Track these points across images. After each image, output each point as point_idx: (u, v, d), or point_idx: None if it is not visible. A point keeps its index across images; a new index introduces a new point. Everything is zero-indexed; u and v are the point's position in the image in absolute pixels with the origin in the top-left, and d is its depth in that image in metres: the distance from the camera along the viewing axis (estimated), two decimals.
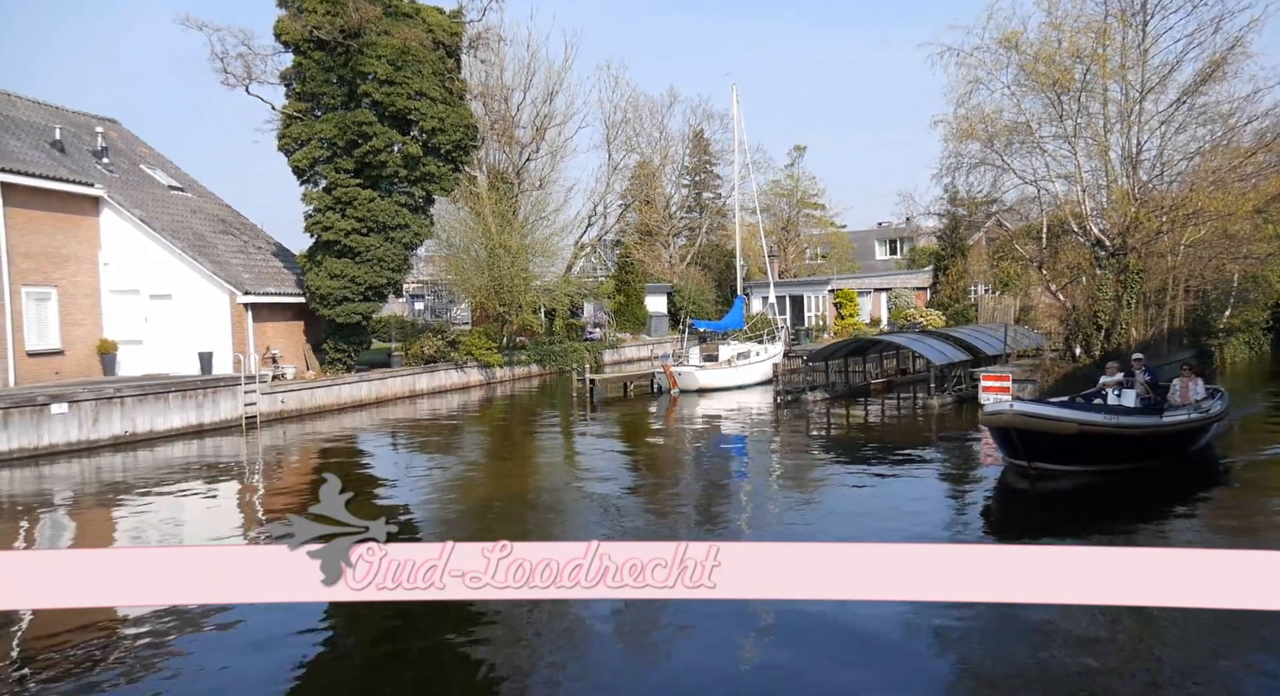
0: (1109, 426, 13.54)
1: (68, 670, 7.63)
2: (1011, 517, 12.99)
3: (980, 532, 11.81)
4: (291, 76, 27.54)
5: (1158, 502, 13.07)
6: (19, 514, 14.26)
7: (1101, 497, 13.42)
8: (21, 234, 22.63)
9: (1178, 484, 14.10)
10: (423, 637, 8.42)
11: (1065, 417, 13.40)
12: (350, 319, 27.65)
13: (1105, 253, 24.83)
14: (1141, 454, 14.10)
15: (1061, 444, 13.35)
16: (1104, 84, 24.36)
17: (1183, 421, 14.52)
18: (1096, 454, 13.71)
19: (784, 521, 12.50)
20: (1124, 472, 13.98)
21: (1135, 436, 13.89)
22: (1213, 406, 15.46)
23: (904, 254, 61.53)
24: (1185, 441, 14.80)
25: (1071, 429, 13.22)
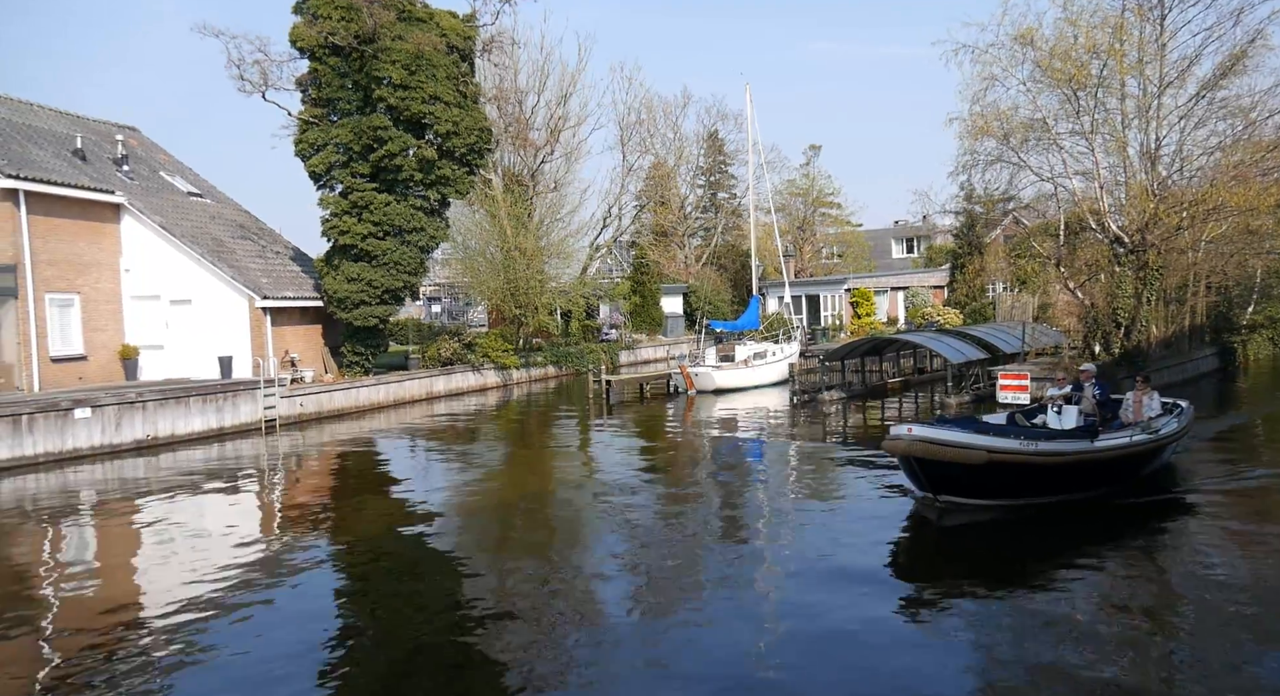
0: (1025, 454, 11.62)
1: (104, 644, 7.74)
2: (916, 561, 10.79)
3: (881, 574, 9.96)
4: (307, 82, 27.74)
5: (1071, 547, 10.70)
6: (46, 518, 14.44)
7: (1014, 536, 11.43)
8: (45, 241, 22.93)
9: (1107, 522, 11.85)
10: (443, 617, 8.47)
11: (973, 444, 11.46)
12: (367, 322, 27.83)
13: (1124, 249, 24.62)
14: (1069, 484, 12.24)
15: (971, 474, 11.50)
16: (1121, 79, 24.15)
17: (1119, 446, 12.52)
18: (1013, 485, 11.89)
19: (800, 523, 12.49)
20: (1054, 504, 12.16)
21: (1058, 466, 11.93)
22: (1165, 425, 13.56)
23: (921, 252, 61.26)
24: (1128, 467, 12.90)
25: (979, 457, 11.29)
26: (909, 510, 12.45)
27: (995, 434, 12.02)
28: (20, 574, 11.41)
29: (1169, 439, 13.55)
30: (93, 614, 9.50)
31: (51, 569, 11.59)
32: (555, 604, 9.34)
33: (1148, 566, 10.22)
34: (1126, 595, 9.18)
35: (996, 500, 12.03)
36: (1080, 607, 8.75)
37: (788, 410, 25.12)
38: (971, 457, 11.31)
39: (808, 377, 28.54)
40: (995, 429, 12.38)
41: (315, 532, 12.94)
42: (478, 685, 7.46)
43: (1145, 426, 13.21)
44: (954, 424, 12.79)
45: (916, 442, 11.59)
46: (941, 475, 11.73)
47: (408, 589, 10.14)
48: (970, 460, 11.31)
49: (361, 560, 11.54)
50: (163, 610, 9.48)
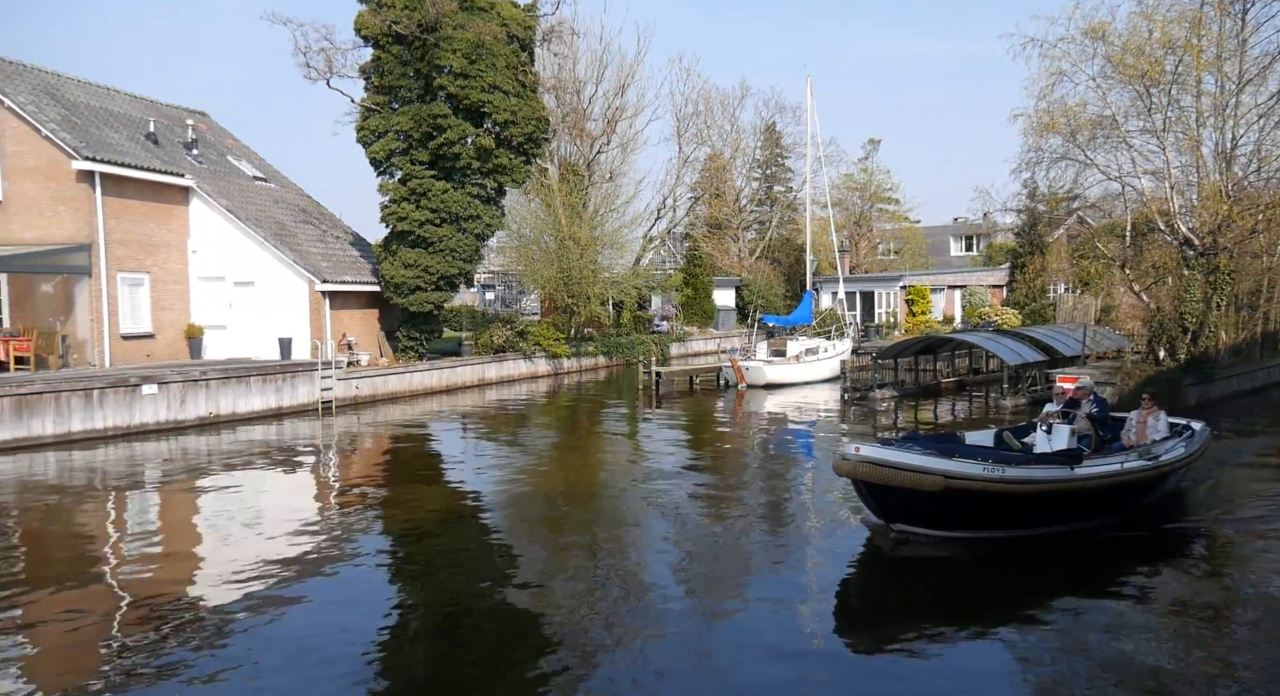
0: (989, 481, 10.05)
1: (165, 614, 8.04)
2: (868, 594, 9.67)
3: (824, 609, 8.95)
4: (370, 70, 28.20)
5: (1038, 589, 9.39)
6: (114, 489, 14.97)
7: (974, 574, 10.02)
8: (118, 222, 23.69)
9: (1086, 560, 10.40)
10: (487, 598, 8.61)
11: (927, 468, 9.97)
12: (423, 308, 28.24)
13: (1194, 252, 23.89)
14: (1045, 515, 10.78)
15: (926, 502, 10.10)
16: (1197, 76, 23.38)
17: (1107, 474, 10.94)
18: (976, 516, 10.45)
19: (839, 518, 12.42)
20: (1028, 538, 10.72)
21: (1029, 495, 10.39)
22: (1169, 450, 12.05)
23: (980, 251, 60.10)
24: (1120, 497, 11.37)
25: (935, 483, 9.84)
26: (866, 536, 11.07)
27: (960, 456, 10.55)
28: (88, 542, 11.87)
29: (1172, 466, 11.90)
30: (155, 583, 9.85)
31: (117, 539, 12.03)
32: (600, 584, 9.42)
33: (1125, 614, 8.66)
34: (1096, 648, 7.82)
35: (957, 531, 10.62)
36: (1036, 661, 7.68)
37: (838, 407, 24.92)
38: (925, 483, 9.87)
39: (860, 375, 28.24)
40: (962, 450, 10.97)
41: (368, 512, 13.22)
42: (524, 659, 7.58)
43: (1144, 451, 11.68)
44: (915, 442, 11.42)
45: (863, 464, 10.17)
46: (894, 502, 10.37)
47: (457, 568, 10.32)
48: (924, 486, 9.87)
49: (412, 539, 11.77)
50: (222, 583, 9.78)
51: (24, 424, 18.01)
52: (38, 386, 18.39)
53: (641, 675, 7.36)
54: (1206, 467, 14.89)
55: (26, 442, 17.90)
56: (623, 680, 7.30)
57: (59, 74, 26.29)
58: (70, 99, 25.25)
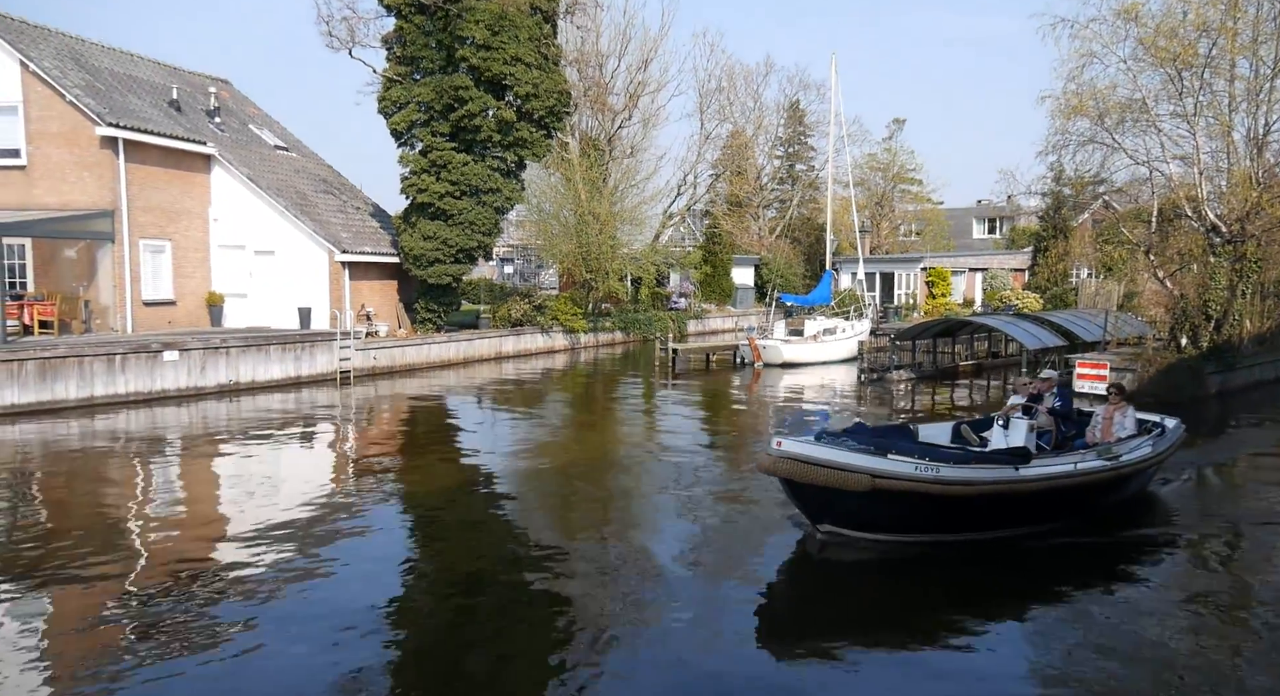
0: (922, 482, 9.16)
1: (184, 579, 8.19)
2: (791, 602, 8.87)
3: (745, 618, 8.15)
4: (393, 40, 28.12)
5: (972, 601, 8.63)
6: (136, 454, 15.19)
7: (906, 580, 9.14)
8: (140, 189, 23.83)
9: (1033, 566, 9.60)
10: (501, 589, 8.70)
11: (854, 467, 9.09)
12: (441, 280, 28.32)
13: (1221, 239, 23.55)
14: (987, 519, 9.88)
15: (853, 503, 9.26)
16: (1232, 59, 22.92)
17: (1057, 475, 10.01)
18: (909, 519, 9.59)
19: None
20: (969, 542, 9.84)
21: (968, 497, 9.46)
22: (1134, 449, 11.14)
23: (1003, 234, 59.50)
24: (1073, 499, 10.40)
25: (861, 483, 8.98)
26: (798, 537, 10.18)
27: (897, 452, 9.55)
28: (110, 506, 12.06)
29: (1134, 466, 10.97)
30: (174, 547, 10.01)
31: (138, 502, 12.21)
32: (611, 555, 9.50)
33: (1057, 627, 7.99)
34: (1025, 663, 7.31)
35: (889, 535, 9.74)
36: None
37: (855, 387, 24.86)
38: (850, 483, 9.00)
39: (877, 356, 28.14)
40: (900, 446, 9.89)
41: (385, 482, 13.36)
42: (535, 624, 7.67)
43: (1104, 450, 10.74)
44: (854, 435, 10.34)
45: (784, 461, 9.26)
46: (819, 501, 9.52)
47: (472, 538, 10.44)
48: (849, 486, 9.00)
49: (428, 509, 11.89)
50: (239, 548, 9.93)
51: (48, 387, 18.26)
52: (61, 351, 18.62)
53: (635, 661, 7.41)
54: (1205, 462, 14.61)
55: (50, 406, 18.17)
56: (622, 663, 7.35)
57: (83, 39, 26.36)
58: (94, 64, 25.32)
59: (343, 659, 7.05)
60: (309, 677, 6.77)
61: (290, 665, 7.00)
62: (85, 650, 7.23)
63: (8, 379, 17.71)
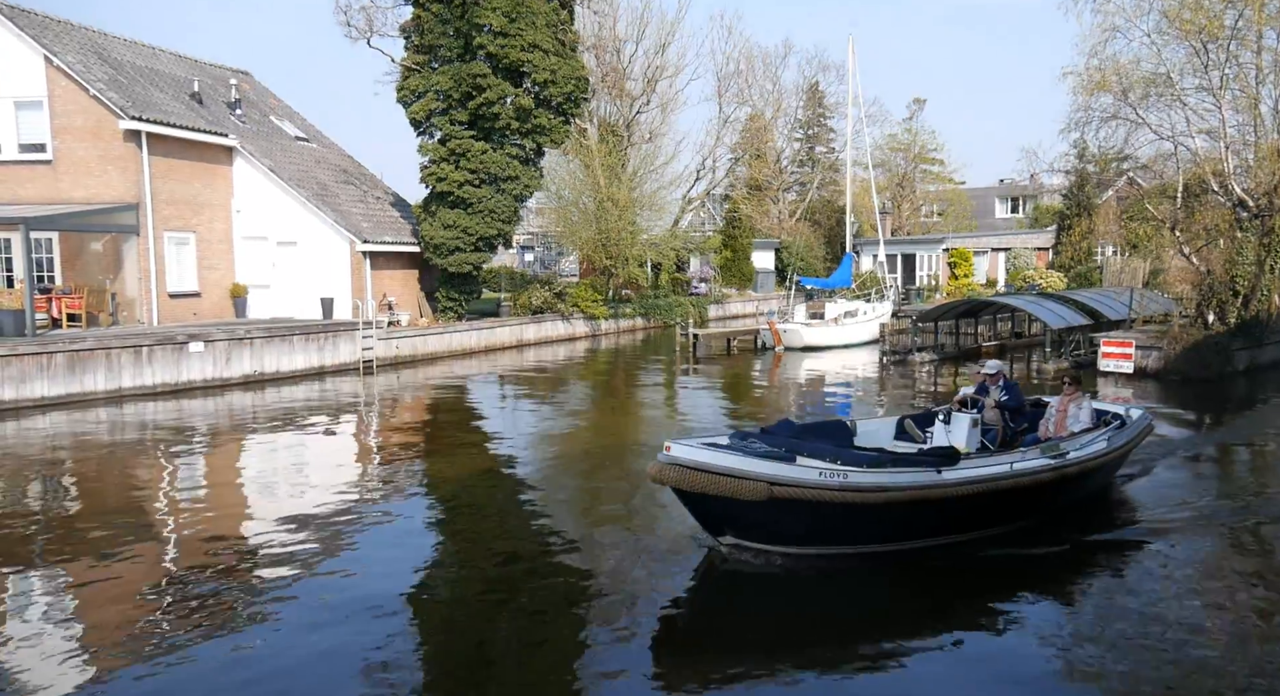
0: (827, 490, 8.14)
1: (210, 566, 8.35)
2: (687, 622, 7.88)
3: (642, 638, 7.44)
4: (410, 29, 28.16)
5: (893, 622, 7.76)
6: (163, 444, 15.44)
7: (827, 597, 8.30)
8: (164, 181, 24.09)
9: (961, 581, 8.64)
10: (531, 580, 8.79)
11: (749, 473, 8.09)
12: (462, 268, 28.45)
13: (1248, 214, 23.24)
14: (909, 528, 8.94)
15: (754, 514, 8.27)
16: (1258, 30, 22.55)
17: (990, 478, 8.94)
18: (817, 530, 8.61)
19: None
20: (895, 553, 8.94)
21: (881, 505, 8.44)
22: (1083, 446, 10.09)
23: (1026, 213, 58.85)
24: (1014, 503, 9.35)
25: (758, 492, 7.98)
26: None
27: (808, 454, 8.63)
28: (139, 494, 12.29)
29: (1082, 465, 9.82)
30: (201, 536, 10.18)
31: (166, 491, 12.43)
32: (634, 543, 9.56)
33: (984, 650, 7.20)
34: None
35: (798, 548, 8.75)
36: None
37: (877, 370, 24.77)
38: (745, 491, 7.99)
39: (899, 338, 28.03)
40: (810, 448, 8.86)
41: (408, 469, 13.50)
42: (560, 613, 7.76)
43: (1049, 448, 9.82)
44: (773, 434, 9.43)
45: (671, 468, 8.26)
46: (714, 512, 8.56)
47: (497, 526, 10.53)
48: (744, 495, 8.00)
49: (453, 497, 12.01)
50: (266, 537, 10.09)
51: (77, 379, 18.56)
52: (89, 343, 18.92)
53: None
54: (1204, 448, 14.10)
55: (79, 397, 18.48)
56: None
57: (105, 33, 26.62)
58: (117, 58, 25.57)
59: (369, 644, 7.14)
60: (335, 664, 6.85)
61: (317, 651, 7.09)
62: (115, 633, 7.39)
63: (38, 371, 18.03)
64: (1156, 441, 13.64)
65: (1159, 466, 12.83)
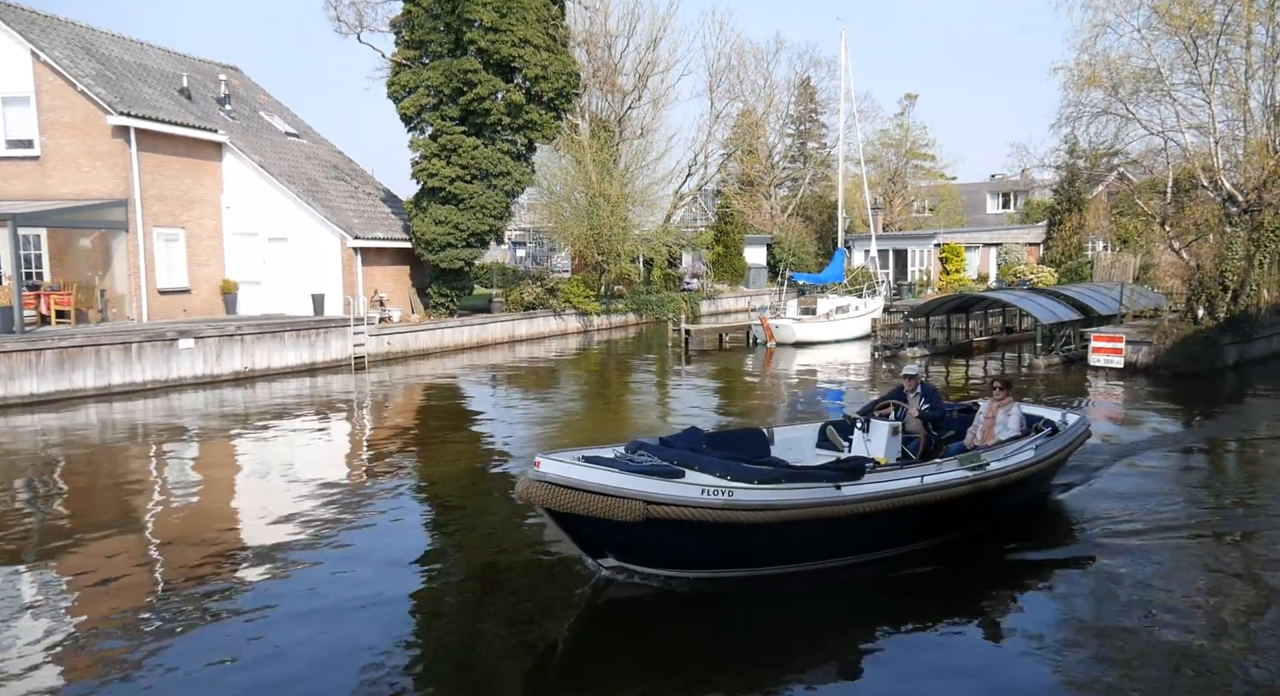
0: (710, 509, 7.35)
1: (202, 562, 8.32)
2: (567, 655, 7.18)
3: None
4: (400, 24, 28.05)
5: (798, 645, 7.16)
6: (153, 441, 15.37)
7: (719, 626, 7.50)
8: (153, 177, 23.96)
9: (866, 605, 8.02)
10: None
11: (625, 492, 7.30)
12: (453, 264, 28.38)
13: (1237, 209, 23.34)
14: (804, 550, 8.21)
15: (631, 535, 7.51)
16: (1248, 26, 22.63)
17: (896, 493, 8.24)
18: (704, 552, 7.87)
19: None
20: (796, 575, 8.19)
21: (771, 526, 7.67)
22: (1008, 456, 9.32)
23: (1017, 208, 59.01)
24: (923, 521, 8.67)
25: (633, 512, 7.18)
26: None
27: (699, 468, 7.93)
28: (128, 492, 12.23)
29: (1007, 475, 9.08)
30: (190, 534, 10.14)
31: (156, 489, 12.38)
32: None
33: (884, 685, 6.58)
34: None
35: (686, 571, 8.02)
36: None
37: (868, 365, 24.82)
38: (619, 511, 7.18)
39: (890, 333, 28.09)
40: (703, 462, 8.14)
41: (400, 465, 13.47)
42: (550, 605, 7.75)
43: (967, 459, 9.10)
44: (663, 448, 8.65)
45: (539, 486, 7.48)
46: (589, 533, 7.76)
47: (488, 522, 10.52)
48: (618, 515, 7.20)
49: (444, 494, 12.00)
50: (256, 534, 10.07)
51: (66, 376, 18.46)
52: (78, 339, 18.82)
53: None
54: (1172, 450, 13.58)
55: (69, 394, 18.38)
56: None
57: (93, 28, 26.44)
58: (104, 53, 25.41)
59: (360, 644, 7.12)
60: (325, 662, 6.84)
61: (308, 649, 7.08)
62: (104, 634, 7.35)
63: (26, 368, 17.92)
64: (1123, 442, 13.57)
65: (1115, 470, 12.15)
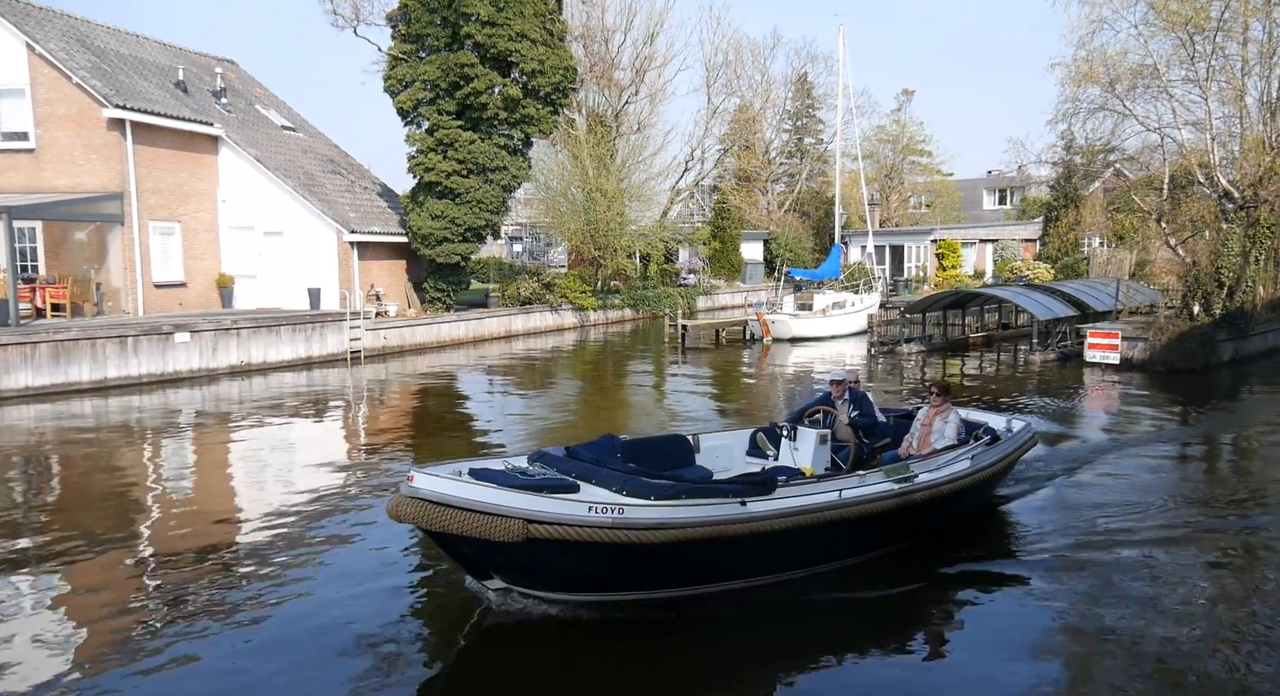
0: (597, 528, 6.64)
1: (197, 556, 8.32)
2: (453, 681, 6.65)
3: None
4: (397, 18, 27.98)
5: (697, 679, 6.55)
6: (149, 435, 15.35)
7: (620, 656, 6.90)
8: (149, 171, 23.88)
9: (778, 631, 7.19)
10: None
11: (501, 509, 6.57)
12: (450, 259, 28.35)
13: (1233, 205, 23.37)
14: (707, 571, 7.51)
15: (519, 557, 6.82)
16: (1245, 22, 22.68)
17: (809, 510, 7.50)
18: (601, 574, 7.18)
19: None
20: (702, 597, 7.51)
21: (666, 547, 6.89)
22: (939, 468, 8.65)
23: (1014, 204, 59.07)
24: (841, 538, 7.95)
25: (512, 532, 6.48)
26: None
27: (596, 482, 7.36)
28: (124, 486, 12.21)
29: (937, 488, 8.43)
30: (184, 529, 10.13)
31: (152, 483, 12.36)
32: None
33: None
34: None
35: (578, 594, 7.32)
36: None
37: (865, 361, 24.84)
38: (497, 530, 6.48)
39: (887, 329, 28.13)
40: (603, 475, 7.49)
41: (396, 461, 13.45)
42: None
43: (894, 469, 8.45)
44: (565, 458, 7.99)
45: (409, 503, 6.76)
46: (470, 553, 7.03)
47: None
48: (496, 535, 6.49)
49: None
50: (252, 528, 10.05)
51: (61, 370, 18.42)
52: (74, 333, 18.77)
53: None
54: (1145, 453, 12.87)
55: (64, 388, 18.34)
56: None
57: (88, 20, 26.33)
58: (100, 46, 25.31)
59: (353, 637, 7.12)
60: (319, 656, 6.84)
61: (300, 645, 7.07)
62: (100, 629, 7.34)
63: (22, 362, 17.88)
64: (1092, 447, 13.33)
65: (1079, 477, 11.66)
